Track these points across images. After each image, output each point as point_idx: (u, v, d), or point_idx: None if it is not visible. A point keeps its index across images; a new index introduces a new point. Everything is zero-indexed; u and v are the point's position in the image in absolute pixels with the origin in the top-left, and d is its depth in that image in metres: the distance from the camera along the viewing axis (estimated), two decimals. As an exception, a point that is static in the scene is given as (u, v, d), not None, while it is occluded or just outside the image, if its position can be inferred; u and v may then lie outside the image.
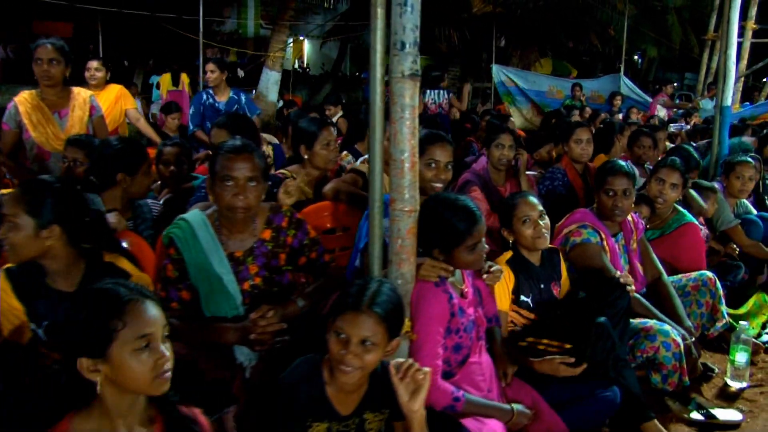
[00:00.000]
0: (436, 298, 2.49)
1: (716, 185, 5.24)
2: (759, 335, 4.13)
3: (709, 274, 3.62)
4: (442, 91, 6.97)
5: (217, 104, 6.62)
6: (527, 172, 4.81)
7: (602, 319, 2.76)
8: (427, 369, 2.08)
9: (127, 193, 3.24)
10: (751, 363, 3.79)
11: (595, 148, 6.02)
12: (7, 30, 19.91)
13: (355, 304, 2.04)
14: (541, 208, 3.02)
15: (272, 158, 4.59)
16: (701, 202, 4.34)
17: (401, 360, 2.12)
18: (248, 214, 2.60)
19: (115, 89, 6.12)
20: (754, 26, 11.26)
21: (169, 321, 1.72)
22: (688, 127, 7.32)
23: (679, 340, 3.06)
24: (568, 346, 2.75)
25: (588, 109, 9.14)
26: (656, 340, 3.03)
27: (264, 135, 5.49)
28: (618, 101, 10.78)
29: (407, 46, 2.31)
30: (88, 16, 13.07)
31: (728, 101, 5.55)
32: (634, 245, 3.55)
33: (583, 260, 3.27)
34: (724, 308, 3.63)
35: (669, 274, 3.82)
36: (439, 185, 3.03)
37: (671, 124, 7.82)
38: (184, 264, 2.60)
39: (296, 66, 29.67)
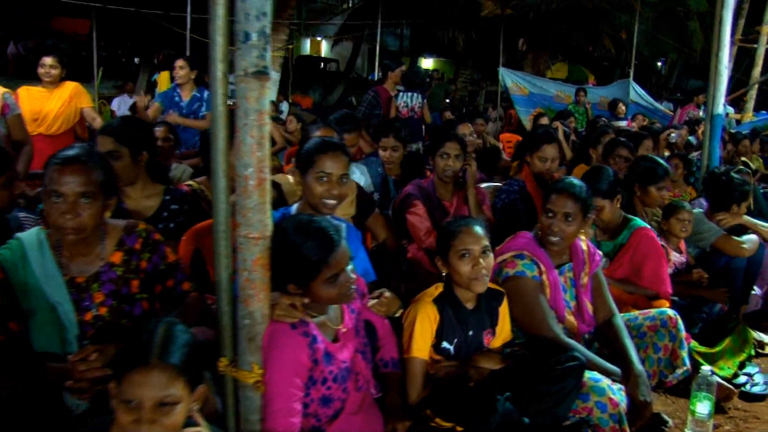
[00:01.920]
0: (291, 343, 2.06)
1: (702, 201, 4.77)
2: (735, 375, 3.63)
3: (670, 312, 3.10)
4: (415, 94, 6.49)
5: (181, 102, 6.29)
6: (485, 185, 4.37)
7: (507, 405, 2.30)
8: None
9: None
10: (721, 410, 3.32)
11: (576, 157, 5.58)
12: (27, 26, 19.98)
13: (142, 358, 1.62)
14: (486, 243, 2.56)
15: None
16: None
17: None
18: (81, 235, 2.20)
19: (70, 87, 5.79)
20: (770, 31, 10.60)
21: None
22: (678, 135, 6.76)
23: (618, 397, 2.56)
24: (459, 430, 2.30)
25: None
26: (589, 400, 2.51)
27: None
28: (622, 108, 10.13)
29: (252, 37, 1.89)
30: (103, 13, 12.95)
31: (719, 108, 5.01)
32: (585, 279, 3.03)
33: (515, 298, 2.81)
34: (685, 353, 3.11)
35: (629, 302, 3.38)
36: (332, 202, 2.61)
37: (672, 132, 7.25)
38: (13, 290, 2.22)
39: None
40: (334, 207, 2.62)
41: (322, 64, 26.61)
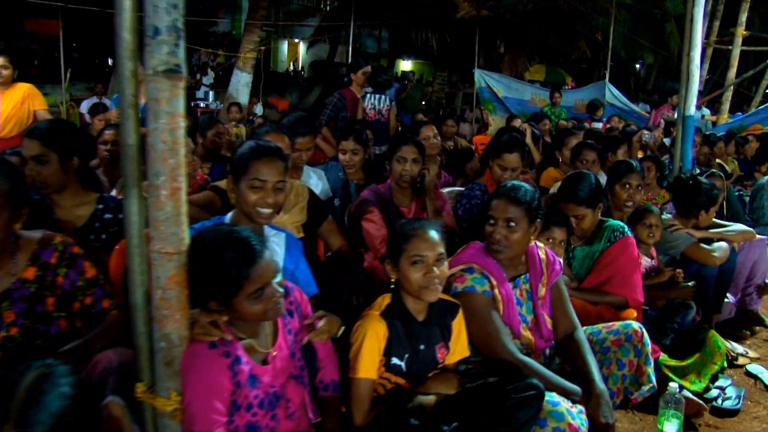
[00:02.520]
0: (209, 364, 1.87)
1: (669, 207, 4.65)
2: (707, 389, 3.48)
3: (635, 325, 2.88)
4: (383, 96, 6.30)
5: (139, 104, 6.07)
6: (447, 189, 4.20)
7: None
8: None
9: None
10: (691, 427, 3.17)
11: (544, 160, 5.43)
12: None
13: None
14: (441, 250, 2.36)
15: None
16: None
17: None
18: None
19: (23, 88, 5.61)
20: (745, 33, 10.57)
21: None
22: (651, 135, 6.63)
23: (577, 422, 2.35)
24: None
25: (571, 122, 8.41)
26: (546, 426, 2.27)
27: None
28: (600, 112, 10.01)
29: (161, 31, 1.70)
30: (75, 15, 12.68)
31: (691, 110, 4.88)
32: (543, 291, 2.83)
33: (467, 316, 2.60)
34: (651, 369, 2.90)
35: (594, 313, 3.21)
36: (266, 211, 2.41)
37: (645, 133, 7.12)
38: None
39: (291, 69, 29.25)
40: (269, 216, 2.43)
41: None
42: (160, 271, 1.79)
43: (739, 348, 4.07)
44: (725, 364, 3.65)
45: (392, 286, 2.43)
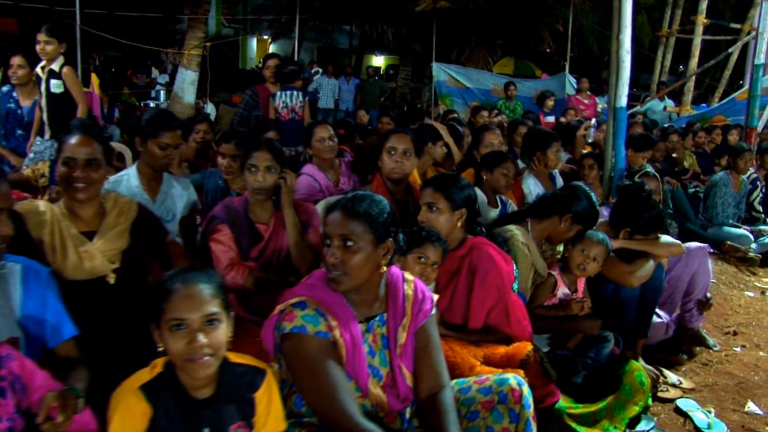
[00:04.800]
0: None
1: (603, 211, 4.06)
2: (627, 434, 2.91)
3: (513, 382, 2.20)
4: (296, 93, 5.68)
5: (19, 110, 5.45)
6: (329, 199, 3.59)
7: None
8: None
9: None
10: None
11: (465, 160, 4.86)
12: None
13: None
14: (213, 309, 1.78)
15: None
16: None
17: None
18: None
19: None
20: (705, 21, 10.02)
21: None
22: (595, 129, 6.05)
23: None
24: None
25: (503, 117, 7.79)
26: None
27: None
28: (550, 102, 9.38)
29: None
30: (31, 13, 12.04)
31: (622, 101, 4.27)
32: (404, 337, 2.17)
33: (293, 363, 2.01)
34: None
35: (479, 354, 2.62)
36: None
37: (591, 127, 6.53)
38: None
39: (260, 66, 28.45)
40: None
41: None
42: None
43: (672, 377, 3.50)
44: (649, 402, 3.07)
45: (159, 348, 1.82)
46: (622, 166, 4.40)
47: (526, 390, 2.21)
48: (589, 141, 6.16)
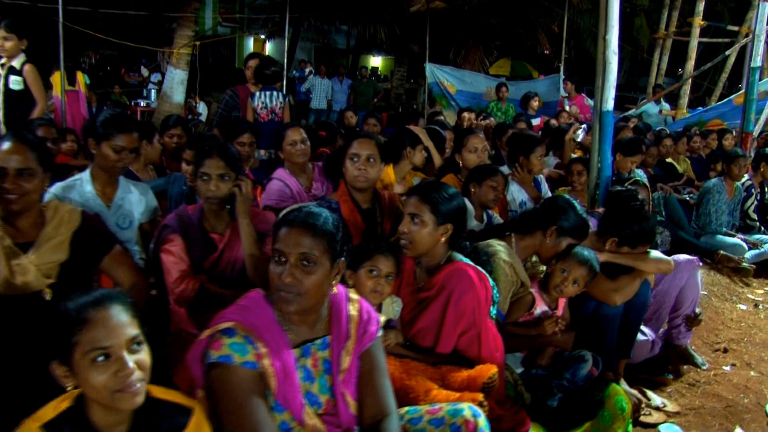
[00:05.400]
0: None
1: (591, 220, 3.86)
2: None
3: (467, 413, 2.01)
4: (275, 93, 5.49)
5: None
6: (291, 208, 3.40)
7: None
8: None
9: None
10: None
11: (446, 164, 4.65)
12: None
13: None
14: (134, 331, 1.61)
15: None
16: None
17: None
18: None
19: None
20: (702, 23, 9.82)
21: None
22: (585, 132, 5.83)
23: None
24: None
25: (491, 120, 7.57)
26: None
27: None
28: (535, 103, 9.10)
29: None
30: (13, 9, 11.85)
31: (608, 104, 4.07)
32: (348, 361, 1.99)
33: (217, 398, 1.80)
34: None
35: (436, 376, 2.42)
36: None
37: (580, 129, 6.32)
38: None
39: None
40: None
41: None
42: None
43: (656, 399, 3.31)
44: (629, 430, 2.86)
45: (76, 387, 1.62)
46: (609, 174, 4.19)
47: (482, 422, 2.02)
48: (578, 140, 5.91)
